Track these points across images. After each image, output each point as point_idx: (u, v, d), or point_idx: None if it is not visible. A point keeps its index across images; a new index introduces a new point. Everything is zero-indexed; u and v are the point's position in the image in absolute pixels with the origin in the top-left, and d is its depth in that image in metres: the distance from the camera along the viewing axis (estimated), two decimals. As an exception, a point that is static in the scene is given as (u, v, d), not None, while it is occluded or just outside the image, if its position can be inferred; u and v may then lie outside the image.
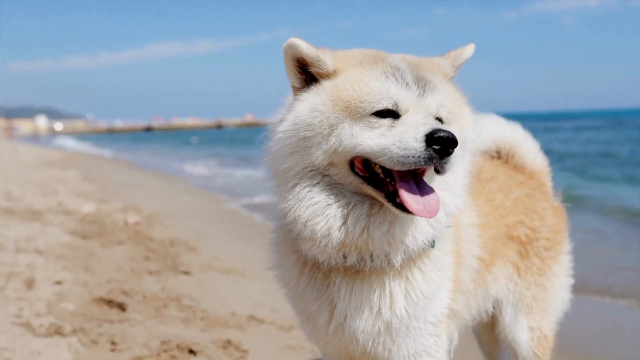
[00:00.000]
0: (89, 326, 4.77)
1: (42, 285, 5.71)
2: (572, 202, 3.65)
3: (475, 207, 2.78)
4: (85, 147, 52.61)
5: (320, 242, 2.21)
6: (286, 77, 2.32)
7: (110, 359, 4.27)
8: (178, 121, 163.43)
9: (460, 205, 2.37)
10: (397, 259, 2.25)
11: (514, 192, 3.08)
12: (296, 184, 2.22)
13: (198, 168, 26.34)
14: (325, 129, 2.18)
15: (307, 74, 2.29)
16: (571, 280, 3.34)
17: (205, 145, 50.30)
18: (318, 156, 2.19)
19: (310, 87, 2.27)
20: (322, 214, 2.18)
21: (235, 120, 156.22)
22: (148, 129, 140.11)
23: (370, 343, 2.37)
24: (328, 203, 2.20)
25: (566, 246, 3.30)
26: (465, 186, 2.40)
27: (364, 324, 2.33)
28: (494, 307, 3.10)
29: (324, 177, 2.22)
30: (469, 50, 2.50)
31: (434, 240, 2.32)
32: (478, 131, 3.30)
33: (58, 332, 4.58)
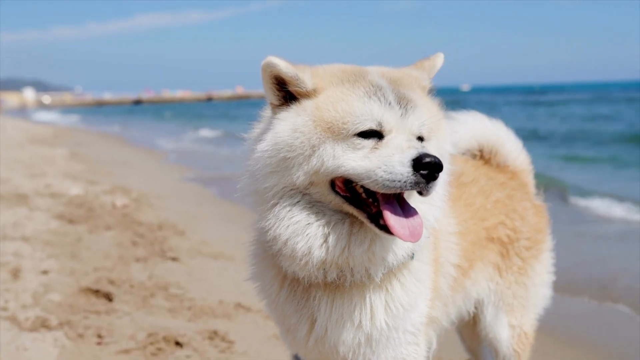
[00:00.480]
0: (75, 318, 4.78)
1: (29, 275, 5.71)
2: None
3: (455, 213, 2.78)
4: (74, 121, 52.28)
5: (301, 260, 2.21)
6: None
7: (96, 353, 4.30)
8: (168, 93, 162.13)
9: (438, 216, 2.37)
10: (378, 274, 2.26)
11: (495, 194, 3.09)
12: (276, 203, 2.21)
13: (187, 144, 26.25)
14: (306, 149, 2.15)
15: (285, 92, 2.25)
16: (552, 277, 3.38)
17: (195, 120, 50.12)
18: (299, 176, 2.17)
19: (290, 106, 2.24)
20: (303, 233, 2.18)
21: (226, 92, 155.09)
22: (137, 102, 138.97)
23: (350, 354, 2.39)
24: (308, 222, 2.19)
25: (547, 244, 3.32)
26: (444, 196, 2.40)
27: (345, 337, 2.35)
28: (475, 307, 3.13)
29: (304, 195, 2.20)
30: (440, 60, 2.51)
31: (413, 252, 2.32)
32: (460, 130, 3.30)
33: (44, 325, 4.60)
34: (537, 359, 3.54)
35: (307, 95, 2.22)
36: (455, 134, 3.28)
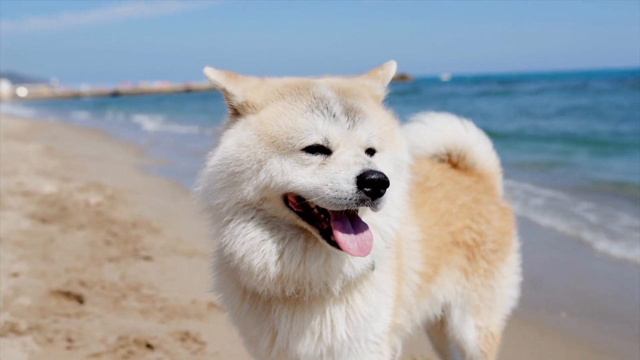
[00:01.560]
0: (45, 322, 4.73)
1: (-2, 278, 5.62)
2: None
3: (419, 220, 2.79)
4: (49, 114, 51.55)
5: (258, 276, 2.20)
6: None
7: (65, 357, 4.26)
8: (146, 85, 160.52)
9: (396, 227, 2.36)
10: (336, 287, 2.26)
11: (461, 198, 3.10)
12: (230, 220, 2.20)
13: (165, 137, 26.04)
14: (253, 164, 2.15)
15: None
16: (519, 278, 3.41)
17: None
18: (249, 192, 2.16)
19: (237, 120, 2.25)
20: (258, 249, 2.17)
21: (205, 83, 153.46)
22: (115, 94, 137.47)
23: None
24: (263, 238, 2.18)
25: (514, 246, 3.35)
26: (403, 206, 2.39)
27: (306, 349, 2.35)
28: (442, 310, 3.15)
29: (258, 211, 2.19)
30: (393, 68, 2.51)
31: (373, 264, 2.32)
32: (427, 133, 3.30)
33: (13, 330, 4.54)
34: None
35: (243, 109, 2.22)
36: (422, 138, 3.29)
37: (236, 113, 2.27)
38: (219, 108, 2.39)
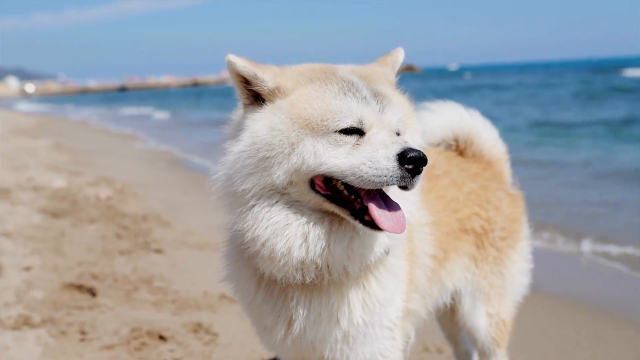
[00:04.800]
0: (58, 315, 4.77)
1: (11, 272, 5.67)
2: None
3: (427, 205, 2.79)
4: (57, 110, 51.76)
5: (280, 261, 2.20)
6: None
7: (79, 350, 4.29)
8: (153, 80, 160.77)
9: (412, 210, 2.38)
10: (355, 270, 2.27)
11: (468, 185, 3.10)
12: (254, 205, 2.19)
13: (173, 131, 26.09)
14: (286, 147, 2.14)
15: (254, 91, 2.24)
16: (530, 265, 3.41)
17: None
18: (279, 176, 2.15)
19: (263, 106, 2.22)
20: (282, 233, 2.17)
21: (212, 77, 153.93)
22: (122, 89, 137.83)
23: (327, 352, 2.41)
24: (287, 222, 2.18)
25: (524, 233, 3.34)
26: (417, 190, 2.40)
27: (322, 335, 2.36)
28: (452, 298, 3.15)
29: (282, 195, 2.19)
30: (401, 54, 2.54)
31: (388, 248, 2.33)
32: (435, 120, 3.31)
33: (27, 323, 4.58)
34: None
35: (273, 94, 2.21)
36: (429, 125, 3.29)
37: (256, 101, 2.24)
38: (228, 102, 2.38)
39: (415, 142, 2.35)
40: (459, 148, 3.34)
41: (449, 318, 3.49)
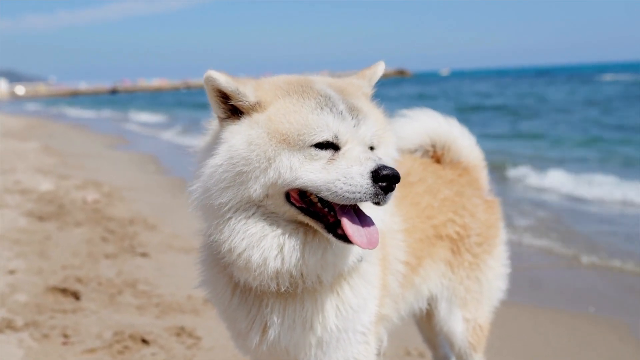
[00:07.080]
0: (41, 319, 4.78)
1: (-5, 276, 5.67)
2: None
3: (400, 212, 2.83)
4: (47, 112, 51.53)
5: (255, 271, 2.23)
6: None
7: (62, 353, 4.31)
8: (144, 82, 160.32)
9: (384, 218, 2.43)
10: (328, 279, 2.31)
11: (443, 191, 3.15)
12: (231, 217, 2.21)
13: (162, 134, 26.05)
14: (263, 162, 2.16)
15: (231, 105, 2.25)
16: (507, 270, 3.45)
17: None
18: (256, 190, 2.17)
19: (240, 119, 2.24)
20: (258, 245, 2.20)
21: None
22: (114, 91, 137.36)
23: (302, 356, 2.45)
24: (264, 234, 2.21)
25: (501, 238, 3.39)
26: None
27: (296, 341, 2.41)
28: (429, 304, 3.20)
29: (258, 208, 2.22)
30: (381, 68, 2.57)
31: (362, 256, 2.38)
32: (412, 127, 3.35)
33: (9, 326, 4.59)
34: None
35: (253, 108, 2.22)
36: (406, 131, 3.33)
37: (232, 114, 2.26)
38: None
39: (390, 155, 2.39)
40: (437, 154, 3.38)
41: (426, 323, 3.54)
